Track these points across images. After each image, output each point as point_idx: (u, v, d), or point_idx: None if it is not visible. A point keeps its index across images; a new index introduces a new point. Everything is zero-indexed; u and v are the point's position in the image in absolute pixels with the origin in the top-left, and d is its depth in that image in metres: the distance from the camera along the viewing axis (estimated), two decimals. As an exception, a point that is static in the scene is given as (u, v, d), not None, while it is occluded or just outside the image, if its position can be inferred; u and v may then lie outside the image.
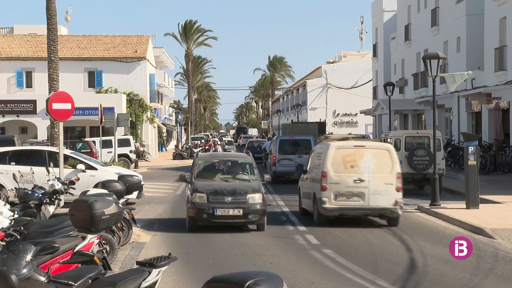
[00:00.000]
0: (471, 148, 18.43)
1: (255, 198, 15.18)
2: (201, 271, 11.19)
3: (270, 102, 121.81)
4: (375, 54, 55.82)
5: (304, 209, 17.98)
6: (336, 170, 16.15)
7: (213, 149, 31.72)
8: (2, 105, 45.49)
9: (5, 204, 10.95)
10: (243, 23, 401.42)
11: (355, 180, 16.03)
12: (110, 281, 6.25)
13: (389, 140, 25.06)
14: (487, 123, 32.87)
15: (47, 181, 13.84)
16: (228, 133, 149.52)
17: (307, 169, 18.08)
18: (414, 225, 16.67)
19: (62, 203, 13.58)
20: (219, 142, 35.99)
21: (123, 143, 39.64)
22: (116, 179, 13.59)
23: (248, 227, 15.76)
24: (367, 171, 16.09)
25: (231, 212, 15.02)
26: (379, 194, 15.81)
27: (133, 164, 39.90)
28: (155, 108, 58.04)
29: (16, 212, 10.72)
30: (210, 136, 69.80)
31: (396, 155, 16.81)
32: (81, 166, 19.30)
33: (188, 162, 47.21)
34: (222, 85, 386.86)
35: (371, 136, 49.71)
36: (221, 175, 16.48)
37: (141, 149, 45.80)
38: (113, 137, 35.63)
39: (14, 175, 13.44)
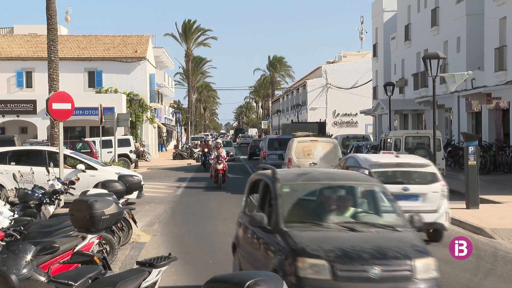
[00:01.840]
0: (471, 148, 18.44)
1: (428, 268, 7.63)
2: (201, 271, 11.20)
3: (270, 102, 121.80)
4: (375, 54, 55.82)
5: None
6: (298, 157, 23.37)
7: (215, 153, 27.54)
8: (2, 105, 45.49)
9: (5, 204, 10.95)
10: (243, 23, 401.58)
11: (310, 164, 22.64)
12: (110, 281, 6.25)
13: (389, 140, 25.09)
14: (487, 123, 32.87)
15: (47, 181, 13.84)
16: (228, 133, 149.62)
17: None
18: (414, 225, 16.60)
19: (62, 203, 13.57)
20: (221, 143, 29.62)
21: (123, 143, 39.64)
22: (116, 179, 13.58)
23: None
24: (318, 157, 22.87)
25: None
26: None
27: (133, 164, 39.90)
28: (155, 108, 58.04)
29: (16, 212, 10.72)
30: (210, 137, 68.89)
31: (339, 147, 24.15)
32: (81, 166, 19.29)
33: (188, 162, 47.35)
34: (222, 85, 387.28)
35: (371, 136, 49.76)
36: (335, 217, 8.49)
37: (141, 149, 45.80)
38: (113, 137, 35.63)
39: (14, 175, 13.44)
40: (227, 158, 28.57)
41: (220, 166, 26.81)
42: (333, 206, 8.60)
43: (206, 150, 39.62)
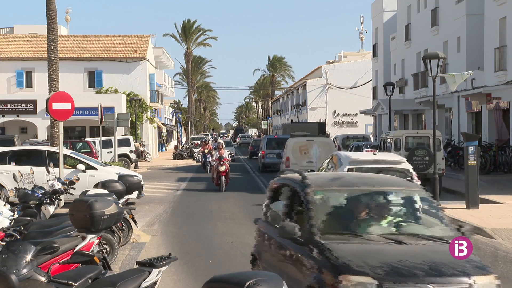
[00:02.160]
0: (471, 148, 18.43)
1: (489, 287, 6.96)
2: (201, 271, 11.20)
3: (270, 102, 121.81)
4: (375, 54, 55.83)
5: None
6: (295, 156, 25.28)
7: (217, 154, 26.30)
8: (2, 105, 45.50)
9: (5, 204, 10.95)
10: (243, 23, 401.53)
11: (307, 161, 24.62)
12: (110, 281, 6.25)
13: (389, 140, 25.09)
14: (487, 123, 32.88)
15: (47, 181, 13.84)
16: (228, 133, 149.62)
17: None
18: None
19: (62, 203, 13.58)
20: (223, 144, 27.94)
21: (123, 143, 39.64)
22: (116, 179, 13.58)
23: (247, 226, 15.72)
24: (315, 156, 24.24)
25: None
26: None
27: (133, 164, 39.91)
28: (155, 108, 58.04)
29: (16, 212, 10.72)
30: (210, 137, 68.35)
31: (333, 146, 26.49)
32: (81, 166, 19.29)
33: (188, 162, 47.34)
34: (222, 85, 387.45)
35: (371, 137, 49.76)
36: (377, 227, 7.56)
37: (141, 149, 45.81)
38: (113, 137, 35.63)
39: (14, 175, 13.44)
40: (230, 159, 27.43)
41: (222, 168, 25.47)
42: (372, 214, 7.68)
43: (206, 150, 38.31)
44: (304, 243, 7.17)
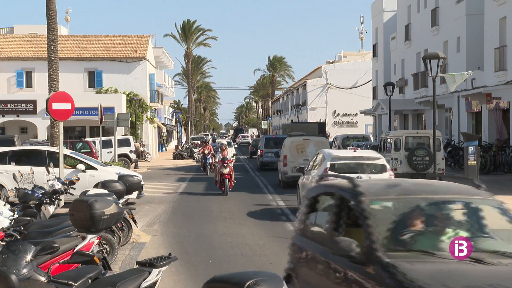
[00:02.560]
0: (471, 148, 18.46)
1: None
2: (201, 271, 11.19)
3: (270, 102, 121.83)
4: (375, 54, 55.84)
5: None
6: (292, 154, 25.98)
7: (220, 156, 25.15)
8: (2, 105, 45.50)
9: (5, 204, 10.95)
10: (243, 23, 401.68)
11: (303, 159, 24.53)
12: (110, 281, 6.25)
13: (389, 140, 25.10)
14: (487, 123, 32.88)
15: (47, 181, 13.84)
16: (229, 134, 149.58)
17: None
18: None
19: (62, 203, 13.57)
20: (226, 144, 27.42)
21: (123, 143, 39.64)
22: (116, 179, 13.58)
23: (247, 226, 15.73)
24: (311, 154, 23.91)
25: None
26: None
27: (133, 164, 39.91)
28: (155, 108, 58.05)
29: (16, 212, 10.72)
30: (210, 137, 67.60)
31: (328, 144, 27.81)
32: (81, 166, 19.28)
33: (188, 163, 47.31)
34: (222, 85, 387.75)
35: (371, 137, 49.78)
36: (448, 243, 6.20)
37: (141, 149, 45.80)
38: (113, 137, 35.62)
39: (14, 175, 13.44)
40: (234, 160, 26.00)
41: (226, 170, 23.96)
42: (441, 228, 6.54)
43: (206, 151, 36.20)
44: (363, 262, 6.05)
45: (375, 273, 5.88)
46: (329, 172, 16.34)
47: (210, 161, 34.69)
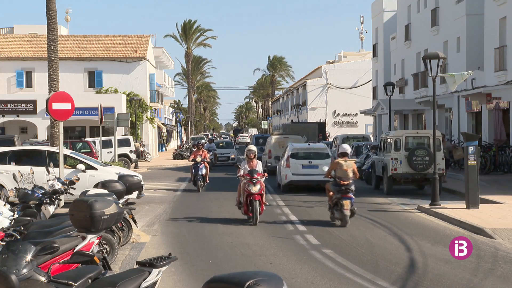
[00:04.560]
0: (471, 148, 18.43)
1: None
2: (201, 271, 11.20)
3: (270, 102, 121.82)
4: (375, 54, 55.83)
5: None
6: (275, 149, 32.74)
7: (247, 168, 17.28)
8: (2, 105, 45.51)
9: (5, 204, 10.96)
10: (243, 23, 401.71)
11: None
12: (110, 281, 6.25)
13: (389, 140, 25.08)
14: (487, 123, 32.87)
15: (47, 181, 13.84)
16: (231, 134, 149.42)
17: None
18: (414, 225, 16.68)
19: (62, 203, 13.58)
20: (255, 152, 17.79)
21: (123, 143, 39.66)
22: (116, 179, 13.58)
23: (247, 226, 15.72)
24: None
25: None
26: None
27: (133, 164, 39.92)
28: (155, 108, 58.05)
29: (16, 212, 10.73)
30: (203, 141, 57.83)
31: (303, 140, 33.88)
32: (81, 166, 19.29)
33: (188, 163, 46.97)
34: (222, 85, 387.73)
35: (371, 136, 49.76)
36: None
37: (141, 149, 45.81)
38: (113, 137, 35.64)
39: (14, 175, 13.44)
40: (265, 175, 17.47)
41: (255, 189, 16.53)
42: None
43: (198, 159, 26.12)
44: None
45: None
46: (290, 159, 24.76)
47: (204, 172, 25.97)
